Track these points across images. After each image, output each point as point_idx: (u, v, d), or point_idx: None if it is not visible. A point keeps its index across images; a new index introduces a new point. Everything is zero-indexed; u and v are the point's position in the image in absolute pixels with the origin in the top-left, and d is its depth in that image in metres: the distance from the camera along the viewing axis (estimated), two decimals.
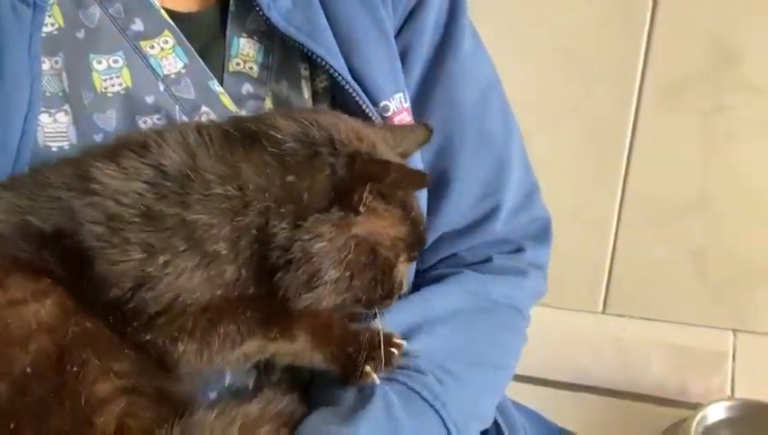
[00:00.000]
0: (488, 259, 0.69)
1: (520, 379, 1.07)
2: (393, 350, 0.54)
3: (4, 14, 0.54)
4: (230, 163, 0.48)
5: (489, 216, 0.69)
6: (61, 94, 0.57)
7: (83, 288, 0.46)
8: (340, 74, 0.59)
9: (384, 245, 0.51)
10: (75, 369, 0.42)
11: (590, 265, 1.01)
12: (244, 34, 0.61)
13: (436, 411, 0.55)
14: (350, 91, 0.60)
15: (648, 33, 0.91)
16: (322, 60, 0.59)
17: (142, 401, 0.45)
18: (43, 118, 0.56)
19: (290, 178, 0.48)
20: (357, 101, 0.60)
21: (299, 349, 0.52)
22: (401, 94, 0.63)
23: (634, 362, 1.00)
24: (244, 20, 0.61)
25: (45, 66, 0.56)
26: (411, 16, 0.65)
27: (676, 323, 1.00)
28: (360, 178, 0.48)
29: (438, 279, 0.67)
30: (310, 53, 0.59)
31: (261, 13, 0.58)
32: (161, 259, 0.46)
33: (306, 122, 0.50)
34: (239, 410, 0.48)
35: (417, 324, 0.60)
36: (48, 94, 0.56)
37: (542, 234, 0.74)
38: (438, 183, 0.68)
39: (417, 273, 0.69)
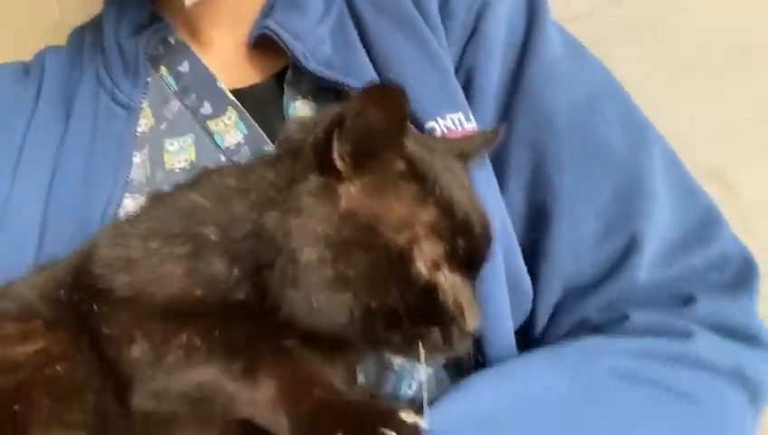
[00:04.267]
0: (623, 318, 0.48)
1: None
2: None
3: (99, 114, 0.62)
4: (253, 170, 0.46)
5: (623, 257, 0.50)
6: (144, 181, 0.61)
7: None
8: None
9: (386, 223, 0.39)
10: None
11: None
12: (299, 97, 0.60)
13: None
14: None
15: None
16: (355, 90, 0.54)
17: None
18: (127, 202, 0.60)
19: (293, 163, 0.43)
20: None
21: (260, 399, 0.39)
22: (460, 114, 0.53)
23: None
24: (299, 84, 0.60)
25: (137, 159, 0.62)
26: (472, 37, 0.57)
27: None
28: (330, 129, 0.40)
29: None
30: (346, 88, 0.55)
31: (298, 62, 0.57)
32: (153, 244, 0.44)
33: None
34: None
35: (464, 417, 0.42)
36: (135, 182, 0.61)
37: (735, 282, 0.49)
38: (540, 219, 0.52)
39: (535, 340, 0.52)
